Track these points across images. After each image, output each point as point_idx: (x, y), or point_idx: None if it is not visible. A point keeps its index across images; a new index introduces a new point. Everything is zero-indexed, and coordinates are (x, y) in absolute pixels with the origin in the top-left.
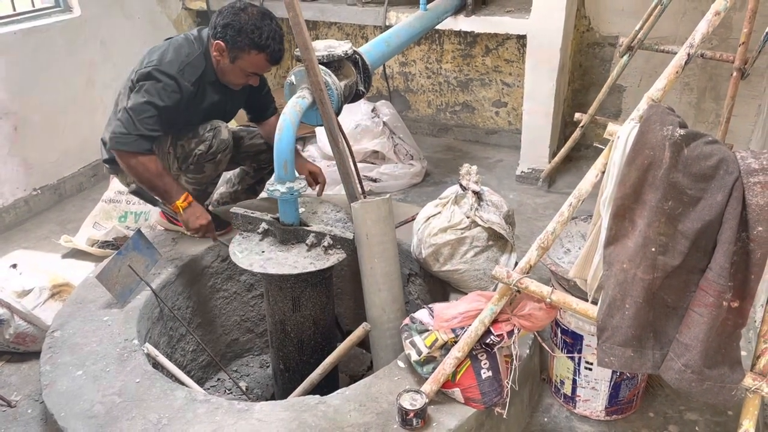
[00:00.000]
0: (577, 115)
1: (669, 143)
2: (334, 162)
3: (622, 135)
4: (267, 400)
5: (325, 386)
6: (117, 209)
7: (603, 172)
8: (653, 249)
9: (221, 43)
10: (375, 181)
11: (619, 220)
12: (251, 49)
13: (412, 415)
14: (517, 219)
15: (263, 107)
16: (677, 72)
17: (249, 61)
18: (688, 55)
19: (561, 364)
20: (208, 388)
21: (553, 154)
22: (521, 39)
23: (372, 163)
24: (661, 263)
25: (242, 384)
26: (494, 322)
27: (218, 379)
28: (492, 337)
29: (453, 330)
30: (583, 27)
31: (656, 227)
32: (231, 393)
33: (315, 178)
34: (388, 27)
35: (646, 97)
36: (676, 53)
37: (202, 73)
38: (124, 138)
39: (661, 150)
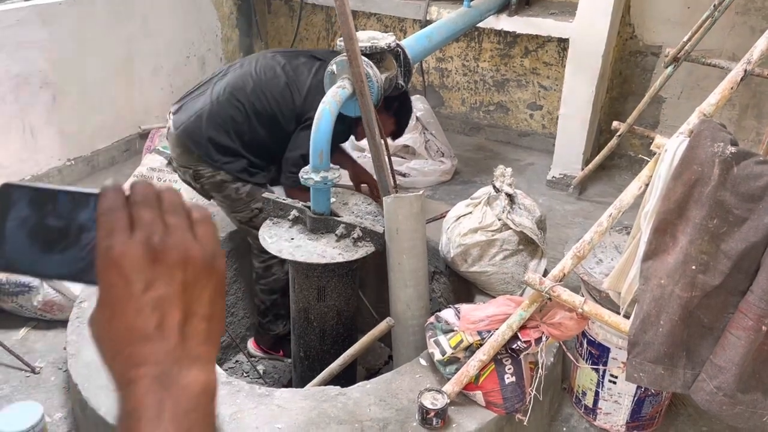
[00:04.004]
0: (615, 124)
1: (719, 160)
2: (364, 154)
3: (670, 148)
4: (283, 385)
5: (343, 377)
6: None
7: (647, 185)
8: (693, 267)
9: None
10: (404, 175)
11: (660, 235)
12: None
13: (432, 414)
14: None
15: None
16: (732, 88)
17: None
18: (745, 71)
19: (584, 375)
20: (226, 370)
21: (586, 162)
22: (562, 42)
23: (402, 158)
24: (700, 282)
25: (260, 368)
26: (522, 327)
27: (236, 361)
28: (519, 342)
29: (479, 332)
30: (627, 34)
31: (698, 245)
32: (248, 376)
33: (369, 186)
34: (428, 22)
35: (697, 111)
36: (722, 67)
37: None
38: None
39: (709, 166)
